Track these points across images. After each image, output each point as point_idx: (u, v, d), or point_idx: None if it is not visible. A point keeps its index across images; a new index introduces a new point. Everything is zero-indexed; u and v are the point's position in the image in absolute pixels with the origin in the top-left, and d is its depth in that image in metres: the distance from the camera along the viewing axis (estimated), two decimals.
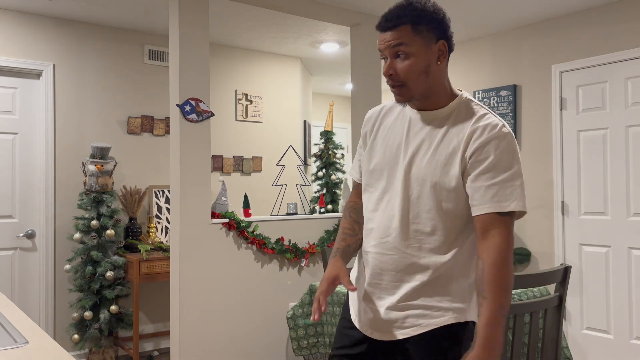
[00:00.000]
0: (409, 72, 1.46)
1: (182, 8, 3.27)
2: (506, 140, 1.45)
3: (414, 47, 1.45)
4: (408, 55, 1.46)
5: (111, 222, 3.89)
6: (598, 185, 3.90)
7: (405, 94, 1.50)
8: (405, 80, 1.47)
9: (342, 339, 1.68)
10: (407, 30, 1.45)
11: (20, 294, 3.95)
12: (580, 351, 3.99)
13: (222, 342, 3.45)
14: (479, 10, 3.99)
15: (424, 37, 1.46)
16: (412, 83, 1.47)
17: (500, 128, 1.46)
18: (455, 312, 1.50)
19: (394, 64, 1.48)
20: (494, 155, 1.44)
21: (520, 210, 1.44)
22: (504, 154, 1.44)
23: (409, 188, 1.52)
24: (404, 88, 1.49)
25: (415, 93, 1.49)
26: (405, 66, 1.46)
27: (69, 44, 4.14)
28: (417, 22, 1.45)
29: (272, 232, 3.66)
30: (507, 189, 1.43)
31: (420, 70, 1.47)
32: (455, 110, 1.52)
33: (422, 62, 1.46)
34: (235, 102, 4.98)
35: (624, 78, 3.78)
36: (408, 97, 1.51)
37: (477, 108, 1.53)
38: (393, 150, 1.57)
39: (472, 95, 4.73)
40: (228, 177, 4.92)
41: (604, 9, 3.88)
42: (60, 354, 1.28)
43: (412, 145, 1.54)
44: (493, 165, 1.43)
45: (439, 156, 1.49)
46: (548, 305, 2.32)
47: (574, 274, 4.03)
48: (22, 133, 3.99)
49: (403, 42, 1.45)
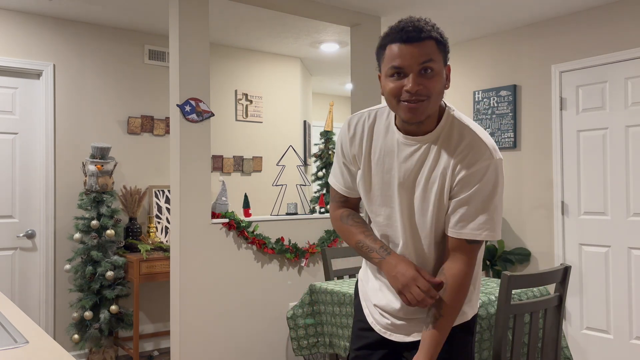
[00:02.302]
0: (435, 88, 1.39)
1: (182, 8, 3.27)
2: (492, 168, 1.44)
3: (438, 64, 1.39)
4: (434, 73, 1.39)
5: (111, 222, 3.90)
6: (598, 185, 3.90)
7: (425, 111, 1.40)
8: (430, 95, 1.39)
9: (360, 340, 1.71)
10: (433, 46, 1.38)
11: (20, 294, 3.95)
12: (580, 351, 3.99)
13: (222, 342, 3.45)
14: (479, 10, 3.99)
15: (443, 58, 1.42)
16: (434, 99, 1.40)
17: (488, 156, 1.44)
18: (467, 310, 1.63)
19: (420, 79, 1.38)
20: (476, 185, 1.43)
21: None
22: (485, 184, 1.43)
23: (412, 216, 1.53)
24: (427, 103, 1.39)
25: (431, 111, 1.43)
26: (433, 81, 1.38)
27: (69, 44, 4.14)
28: (440, 41, 1.40)
29: (272, 232, 3.66)
30: (481, 219, 1.44)
31: (441, 90, 1.42)
32: (443, 132, 1.47)
33: (443, 81, 1.42)
34: (235, 102, 4.98)
35: (624, 78, 3.78)
36: (424, 116, 1.42)
37: (464, 128, 1.47)
38: (388, 178, 1.55)
39: (472, 96, 4.73)
40: (228, 177, 4.92)
41: (604, 9, 3.88)
42: (60, 354, 1.28)
43: (406, 173, 1.51)
44: (471, 196, 1.44)
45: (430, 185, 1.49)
46: (548, 305, 2.32)
47: (574, 274, 4.03)
48: (22, 133, 3.99)
49: (432, 58, 1.38)
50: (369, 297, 1.69)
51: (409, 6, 3.91)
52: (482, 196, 1.44)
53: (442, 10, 3.98)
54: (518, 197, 4.40)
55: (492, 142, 1.48)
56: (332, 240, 3.87)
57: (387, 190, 1.56)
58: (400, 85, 1.39)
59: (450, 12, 4.03)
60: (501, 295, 2.14)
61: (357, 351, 1.70)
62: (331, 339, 2.76)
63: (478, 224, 1.44)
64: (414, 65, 1.37)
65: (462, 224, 1.46)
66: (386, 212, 1.58)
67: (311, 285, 2.88)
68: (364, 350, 1.69)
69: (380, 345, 1.66)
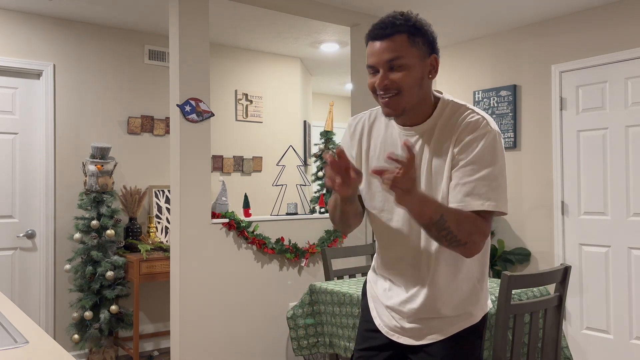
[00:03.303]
0: (405, 80, 1.41)
1: (182, 8, 3.27)
2: (490, 137, 1.42)
3: (410, 59, 1.41)
4: (404, 68, 1.41)
5: (111, 222, 3.90)
6: (598, 185, 3.90)
7: (398, 104, 1.43)
8: (401, 88, 1.42)
9: (365, 341, 1.70)
10: (404, 40, 1.40)
11: (20, 294, 3.95)
12: (580, 351, 3.99)
13: (222, 342, 3.45)
14: (479, 10, 3.99)
15: (420, 50, 1.42)
16: (407, 92, 1.42)
17: (485, 125, 1.43)
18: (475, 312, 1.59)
19: (387, 75, 1.42)
20: (475, 151, 1.41)
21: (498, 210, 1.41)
22: (486, 151, 1.41)
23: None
24: (399, 97, 1.42)
25: (407, 104, 1.44)
26: (401, 76, 1.41)
27: (69, 44, 4.14)
28: (414, 33, 1.41)
29: (272, 232, 3.66)
30: (482, 188, 1.39)
31: (415, 82, 1.42)
32: (441, 116, 1.49)
33: (417, 74, 1.42)
34: (235, 102, 4.98)
35: (624, 78, 3.78)
36: (400, 109, 1.44)
37: (461, 107, 1.49)
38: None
39: (472, 96, 4.73)
40: (228, 177, 4.92)
41: (604, 9, 3.88)
42: (60, 354, 1.28)
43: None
44: (472, 161, 1.41)
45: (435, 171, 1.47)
46: (548, 305, 2.32)
47: (574, 274, 4.03)
48: (22, 133, 3.99)
49: (399, 55, 1.40)
50: (379, 298, 1.67)
51: (409, 6, 3.91)
52: (482, 163, 1.40)
53: (442, 10, 3.98)
54: (518, 197, 4.39)
55: (489, 117, 1.48)
56: (332, 240, 3.87)
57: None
58: (374, 81, 1.46)
59: (450, 12, 4.03)
60: (501, 295, 2.14)
61: (362, 352, 1.69)
62: (331, 339, 2.76)
63: (481, 193, 1.39)
64: (381, 63, 1.42)
65: (464, 195, 1.40)
66: (388, 207, 1.56)
67: (311, 285, 2.88)
68: (368, 351, 1.68)
69: (385, 348, 1.65)
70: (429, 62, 1.45)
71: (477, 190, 1.39)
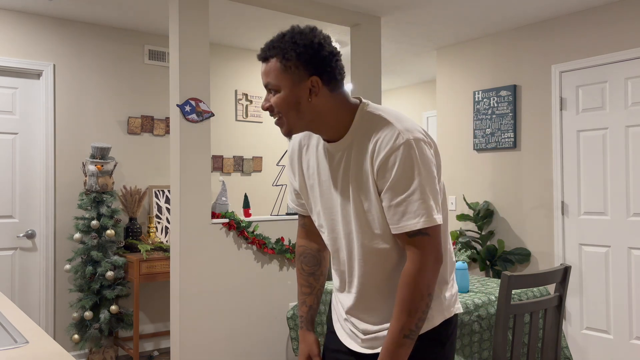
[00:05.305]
0: (279, 105, 1.41)
1: (182, 8, 3.27)
2: (405, 149, 1.36)
3: (281, 82, 1.40)
4: (277, 91, 1.41)
5: (111, 222, 3.90)
6: (598, 185, 3.90)
7: (283, 126, 1.44)
8: (279, 111, 1.42)
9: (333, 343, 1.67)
10: (276, 65, 1.40)
11: (20, 294, 3.95)
12: (580, 351, 3.99)
13: (222, 342, 3.45)
14: (479, 10, 3.99)
15: (292, 74, 1.39)
16: (285, 115, 1.42)
17: (395, 138, 1.37)
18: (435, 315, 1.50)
19: (268, 97, 1.44)
20: (392, 172, 1.36)
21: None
22: (401, 168, 1.36)
23: (350, 224, 1.49)
24: (283, 118, 1.43)
25: (292, 126, 1.44)
26: (276, 99, 1.42)
27: (69, 44, 4.14)
28: (286, 58, 1.39)
29: (272, 232, 3.66)
30: (411, 206, 1.36)
31: (290, 106, 1.41)
32: (357, 132, 1.45)
33: (290, 98, 1.41)
34: (235, 102, 4.98)
35: (624, 78, 3.78)
36: (287, 130, 1.45)
37: (375, 117, 1.44)
38: (327, 188, 1.53)
39: (472, 96, 4.73)
40: (228, 177, 4.92)
41: (604, 9, 3.88)
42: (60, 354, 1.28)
43: (338, 178, 1.49)
44: (393, 184, 1.37)
45: (363, 190, 1.44)
46: (548, 305, 2.32)
47: (574, 274, 4.03)
48: (22, 133, 3.99)
49: (270, 80, 1.41)
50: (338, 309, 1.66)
51: (409, 6, 3.91)
52: (404, 181, 1.36)
53: (443, 10, 3.98)
54: (518, 197, 4.40)
55: (406, 123, 1.41)
56: None
57: (327, 202, 1.54)
58: None
59: (450, 12, 4.02)
60: (501, 295, 2.14)
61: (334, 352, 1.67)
62: None
63: (411, 212, 1.35)
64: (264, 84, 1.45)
65: (396, 217, 1.38)
66: (329, 225, 1.55)
67: None
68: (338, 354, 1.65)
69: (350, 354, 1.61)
70: (306, 85, 1.40)
71: (408, 210, 1.36)
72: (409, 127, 1.40)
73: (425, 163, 1.38)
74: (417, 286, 1.37)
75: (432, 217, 1.36)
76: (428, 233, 1.37)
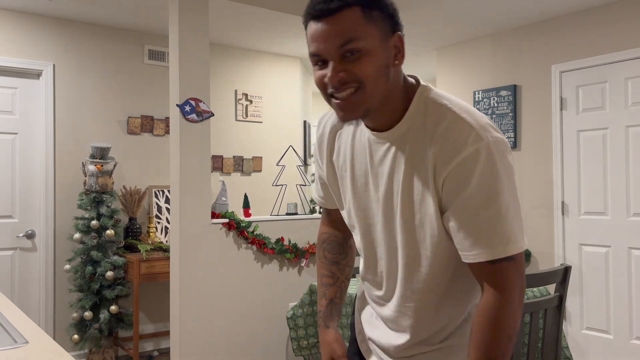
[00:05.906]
0: (366, 73, 1.04)
1: (182, 8, 3.27)
2: (484, 155, 1.04)
3: (368, 40, 1.04)
4: (362, 54, 1.04)
5: (111, 222, 3.89)
6: (598, 185, 3.90)
7: (359, 104, 1.07)
8: (363, 82, 1.05)
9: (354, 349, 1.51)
10: (357, 16, 1.03)
11: (20, 294, 3.95)
12: (580, 351, 3.99)
13: (222, 342, 3.45)
14: (479, 10, 3.99)
15: (379, 27, 1.06)
16: (371, 87, 1.05)
17: (475, 138, 1.05)
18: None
19: (342, 65, 1.05)
20: (471, 182, 1.05)
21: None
22: (484, 177, 1.05)
23: (395, 236, 1.20)
24: (360, 94, 1.06)
25: (371, 103, 1.08)
26: (362, 65, 1.04)
27: (69, 44, 4.14)
28: (369, 5, 1.04)
29: (272, 232, 3.65)
30: (496, 228, 1.06)
31: (380, 72, 1.06)
32: (414, 123, 1.13)
33: (381, 60, 1.06)
34: (235, 102, 4.98)
35: (624, 78, 3.78)
36: (361, 111, 1.08)
37: (441, 106, 1.11)
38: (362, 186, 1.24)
39: (472, 96, 4.73)
40: (228, 177, 4.92)
41: (604, 9, 3.88)
42: (60, 354, 1.28)
43: (381, 179, 1.19)
44: (469, 197, 1.06)
45: (413, 196, 1.14)
46: (548, 305, 2.31)
47: (574, 274, 4.03)
48: (22, 133, 3.99)
49: (354, 37, 1.03)
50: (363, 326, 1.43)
51: (409, 6, 3.91)
52: (484, 197, 1.05)
53: (442, 10, 3.98)
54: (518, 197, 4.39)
55: (481, 119, 1.09)
56: None
57: (361, 202, 1.25)
58: (323, 75, 1.08)
59: (450, 11, 4.02)
60: None
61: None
62: None
63: (492, 236, 1.06)
64: (331, 50, 1.04)
65: (470, 243, 1.08)
66: (362, 229, 1.27)
67: (311, 285, 2.87)
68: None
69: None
70: (392, 42, 1.08)
71: (487, 235, 1.07)
72: (485, 123, 1.08)
73: (509, 173, 1.08)
74: (502, 325, 1.08)
75: (520, 242, 1.09)
76: (514, 258, 1.08)
